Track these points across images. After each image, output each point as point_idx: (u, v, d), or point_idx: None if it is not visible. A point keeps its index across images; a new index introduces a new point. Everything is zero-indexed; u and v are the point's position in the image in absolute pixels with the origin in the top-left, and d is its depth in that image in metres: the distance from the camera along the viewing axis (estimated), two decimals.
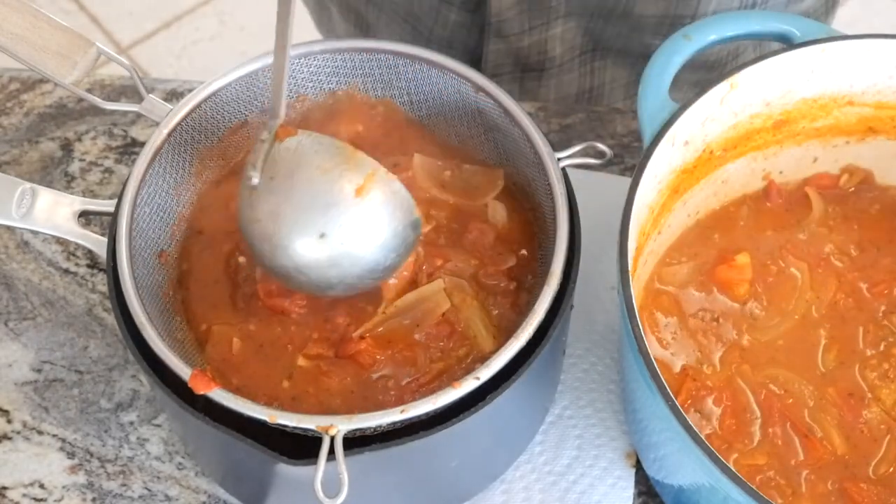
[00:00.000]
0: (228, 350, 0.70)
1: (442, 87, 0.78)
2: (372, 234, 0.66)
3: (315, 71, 0.78)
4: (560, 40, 0.96)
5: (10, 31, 0.72)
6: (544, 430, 0.81)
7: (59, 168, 0.94)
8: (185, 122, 0.74)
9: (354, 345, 0.69)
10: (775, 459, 0.73)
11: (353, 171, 0.65)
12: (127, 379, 0.83)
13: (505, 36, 0.96)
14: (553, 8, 0.93)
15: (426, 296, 0.71)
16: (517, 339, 0.65)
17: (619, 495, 0.78)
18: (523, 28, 0.95)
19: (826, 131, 0.82)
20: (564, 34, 0.96)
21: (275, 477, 0.68)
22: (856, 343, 0.78)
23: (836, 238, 0.82)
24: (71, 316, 0.87)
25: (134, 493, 0.79)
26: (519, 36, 0.96)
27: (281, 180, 0.65)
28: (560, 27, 0.95)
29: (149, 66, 2.18)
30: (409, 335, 0.70)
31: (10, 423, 0.82)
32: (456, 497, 0.77)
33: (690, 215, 0.82)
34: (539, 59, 0.98)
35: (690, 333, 0.78)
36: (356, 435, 0.63)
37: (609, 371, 0.83)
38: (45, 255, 0.90)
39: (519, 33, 0.96)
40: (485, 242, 0.74)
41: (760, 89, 0.77)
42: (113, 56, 0.75)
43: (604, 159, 0.73)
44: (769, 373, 0.76)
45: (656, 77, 0.75)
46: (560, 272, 0.68)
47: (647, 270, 0.79)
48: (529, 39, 0.96)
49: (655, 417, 0.66)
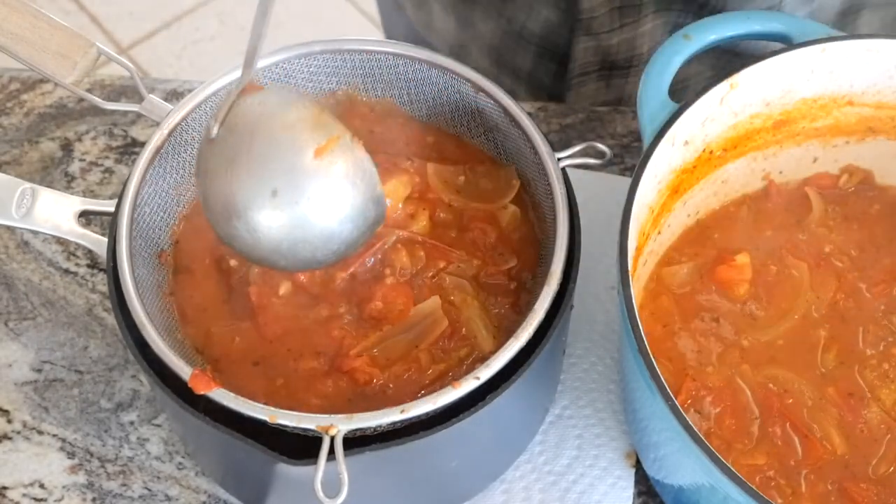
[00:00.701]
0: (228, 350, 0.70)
1: (442, 87, 0.78)
2: (327, 200, 0.62)
3: (315, 71, 0.78)
4: (649, 37, 0.96)
5: (10, 31, 0.72)
6: (544, 430, 0.81)
7: (59, 168, 0.94)
8: (185, 122, 0.74)
9: (350, 361, 0.69)
10: (775, 459, 0.73)
11: (316, 131, 0.61)
12: (127, 379, 0.84)
13: (594, 33, 0.96)
14: (644, 4, 0.92)
15: (424, 313, 0.70)
16: (517, 339, 0.65)
17: (619, 495, 0.78)
18: (613, 25, 0.95)
19: (826, 131, 0.82)
20: (654, 31, 0.96)
21: (275, 477, 0.68)
22: (856, 343, 0.78)
23: (836, 238, 0.82)
24: (71, 316, 0.87)
25: (134, 493, 0.79)
26: (608, 34, 0.96)
27: (240, 135, 0.61)
28: (650, 24, 0.95)
29: (149, 66, 2.18)
30: (408, 354, 0.69)
31: (10, 423, 0.82)
32: (456, 497, 0.77)
33: (690, 215, 0.82)
34: (627, 57, 0.98)
35: (690, 333, 0.78)
36: (356, 435, 0.63)
37: (609, 371, 0.83)
38: (45, 255, 0.90)
39: (609, 31, 0.95)
40: (486, 242, 0.74)
41: (760, 89, 0.77)
42: (113, 56, 0.75)
43: (604, 159, 0.73)
44: (769, 373, 0.76)
45: (656, 77, 0.75)
46: (560, 272, 0.68)
47: (647, 270, 0.79)
48: (619, 37, 0.96)
49: (655, 417, 0.66)
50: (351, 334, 0.70)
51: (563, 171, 0.72)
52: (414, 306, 0.71)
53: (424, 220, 0.74)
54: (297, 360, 0.70)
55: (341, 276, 0.72)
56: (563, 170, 0.72)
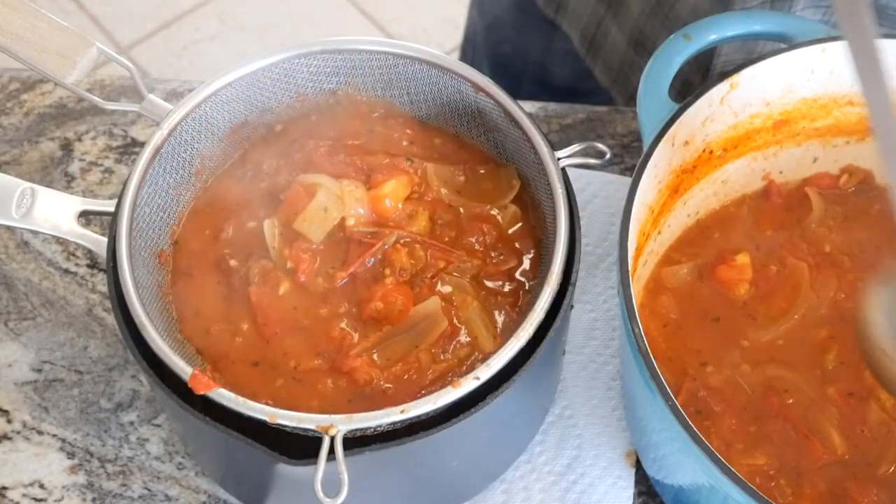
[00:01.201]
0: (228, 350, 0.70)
1: (442, 87, 0.78)
2: None
3: (315, 71, 0.78)
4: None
5: (10, 31, 0.72)
6: (544, 430, 0.81)
7: (59, 168, 0.94)
8: (185, 122, 0.74)
9: (350, 361, 0.69)
10: (775, 459, 0.73)
11: None
12: (127, 379, 0.83)
13: None
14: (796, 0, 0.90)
15: (424, 314, 0.70)
16: (517, 339, 0.65)
17: (619, 495, 0.78)
18: None
19: (826, 131, 0.82)
20: None
21: (275, 477, 0.68)
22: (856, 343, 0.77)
23: (836, 238, 0.82)
24: (71, 316, 0.87)
25: (134, 493, 0.79)
26: None
27: None
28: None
29: (149, 66, 2.18)
30: (408, 354, 0.69)
31: (10, 423, 0.82)
32: (456, 497, 0.77)
33: (690, 215, 0.82)
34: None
35: (690, 333, 0.78)
36: (356, 435, 0.63)
37: (609, 371, 0.83)
38: (45, 255, 0.90)
39: None
40: (486, 242, 0.74)
41: (760, 89, 0.77)
42: (113, 56, 0.75)
43: (603, 159, 0.73)
44: (769, 373, 0.76)
45: (656, 77, 0.75)
46: (560, 272, 0.68)
47: (647, 270, 0.79)
48: None
49: (655, 417, 0.66)
50: (351, 335, 0.70)
51: (563, 170, 0.72)
52: (414, 306, 0.71)
53: (424, 220, 0.74)
54: (297, 360, 0.70)
55: (341, 276, 0.72)
56: (563, 169, 0.72)
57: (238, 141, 0.79)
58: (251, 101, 0.77)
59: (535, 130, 0.73)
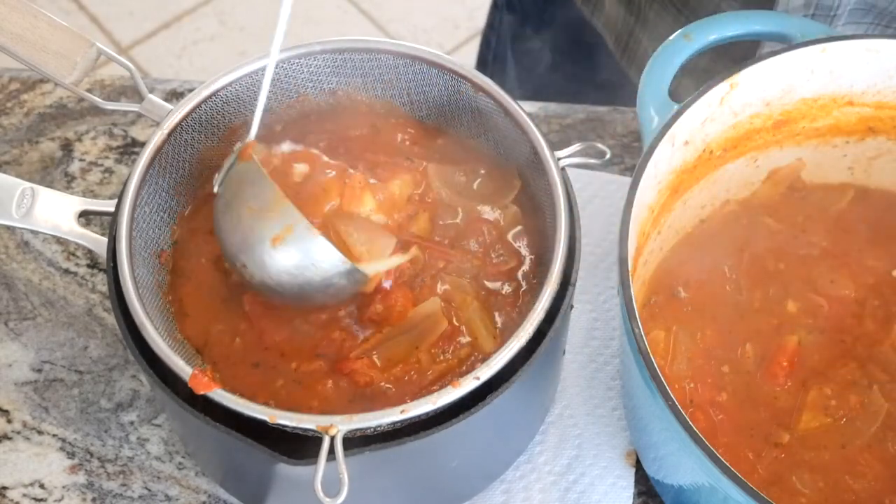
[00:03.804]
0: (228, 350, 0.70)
1: (442, 87, 0.78)
2: (288, 279, 0.67)
3: (315, 71, 0.78)
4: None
5: (10, 31, 0.72)
6: (544, 430, 0.81)
7: (59, 168, 0.94)
8: (185, 122, 0.74)
9: (351, 363, 0.69)
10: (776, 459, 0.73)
11: (274, 219, 0.66)
12: (127, 379, 0.84)
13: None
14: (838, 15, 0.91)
15: (424, 314, 0.70)
16: (517, 339, 0.65)
17: (619, 495, 0.78)
18: None
19: (826, 131, 0.82)
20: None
21: (275, 477, 0.68)
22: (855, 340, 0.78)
23: (835, 238, 0.82)
24: (71, 316, 0.87)
25: (134, 493, 0.79)
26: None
27: (228, 201, 0.68)
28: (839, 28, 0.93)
29: (149, 66, 2.18)
30: (408, 355, 0.69)
31: (10, 423, 0.82)
32: (456, 497, 0.77)
33: (691, 215, 0.82)
34: None
35: (690, 333, 0.78)
36: (356, 435, 0.63)
37: (609, 371, 0.83)
38: (45, 255, 0.90)
39: None
40: (486, 242, 0.74)
41: (760, 89, 0.77)
42: (113, 56, 0.75)
43: (603, 159, 0.73)
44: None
45: (656, 77, 0.75)
46: (560, 272, 0.68)
47: (647, 270, 0.79)
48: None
49: (655, 417, 0.66)
50: (351, 336, 0.70)
51: (563, 170, 0.72)
52: (414, 307, 0.71)
53: (424, 220, 0.74)
54: (297, 361, 0.70)
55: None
56: (563, 169, 0.72)
57: (238, 141, 0.79)
58: (251, 101, 0.77)
59: (535, 130, 0.73)
